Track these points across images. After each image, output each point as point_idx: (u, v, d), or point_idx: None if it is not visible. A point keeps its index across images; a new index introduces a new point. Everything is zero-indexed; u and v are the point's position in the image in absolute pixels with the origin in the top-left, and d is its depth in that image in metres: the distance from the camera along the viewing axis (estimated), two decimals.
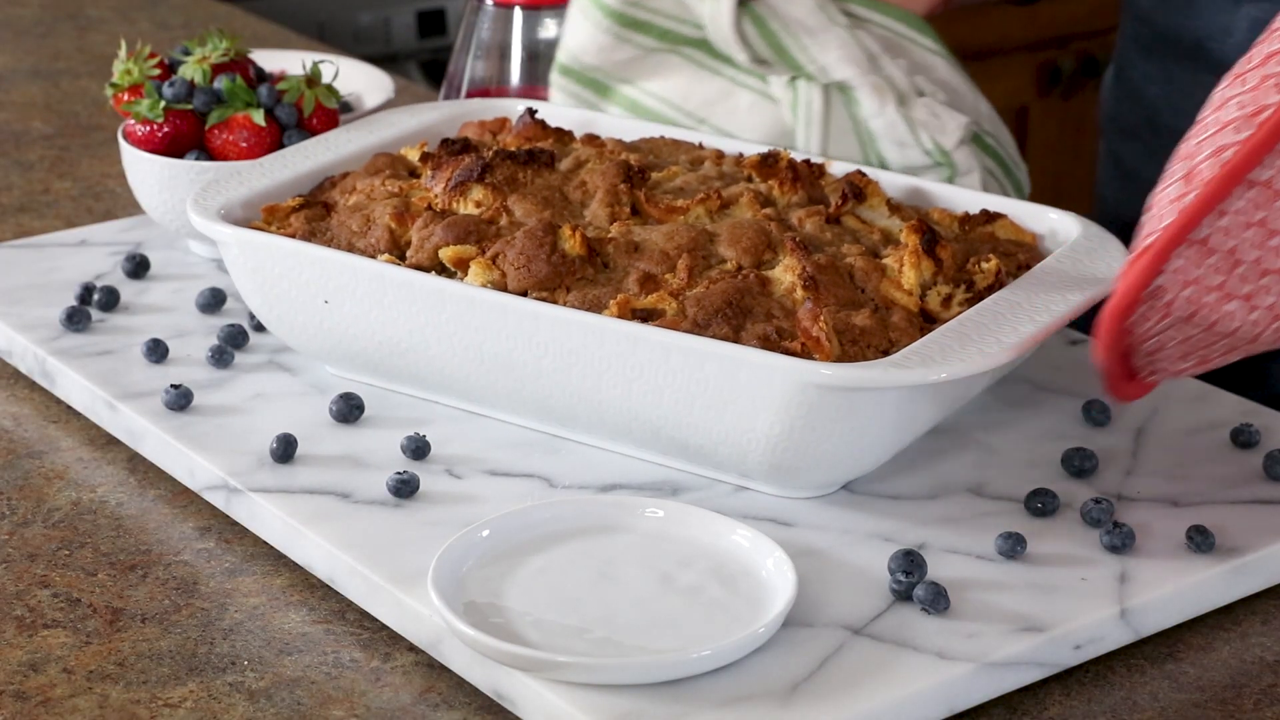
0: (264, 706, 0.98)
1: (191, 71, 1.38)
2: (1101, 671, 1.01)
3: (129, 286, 1.35)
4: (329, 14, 2.80)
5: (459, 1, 2.87)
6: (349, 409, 1.18)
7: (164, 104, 1.37)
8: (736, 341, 1.07)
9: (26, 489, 1.17)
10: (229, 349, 1.25)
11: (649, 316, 1.09)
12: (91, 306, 1.31)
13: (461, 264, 1.15)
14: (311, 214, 1.22)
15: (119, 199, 1.58)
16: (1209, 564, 1.05)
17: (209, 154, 1.37)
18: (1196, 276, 0.99)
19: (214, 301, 1.32)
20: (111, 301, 1.32)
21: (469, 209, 1.20)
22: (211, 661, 1.01)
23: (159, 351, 1.25)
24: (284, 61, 1.54)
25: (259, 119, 1.36)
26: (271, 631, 1.04)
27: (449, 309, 1.13)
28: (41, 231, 1.51)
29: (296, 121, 1.38)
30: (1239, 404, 1.21)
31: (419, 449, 1.14)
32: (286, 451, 1.13)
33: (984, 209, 1.23)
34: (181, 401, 1.19)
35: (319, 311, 1.18)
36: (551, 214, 1.18)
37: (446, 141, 1.26)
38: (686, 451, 1.11)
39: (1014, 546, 1.05)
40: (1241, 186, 0.98)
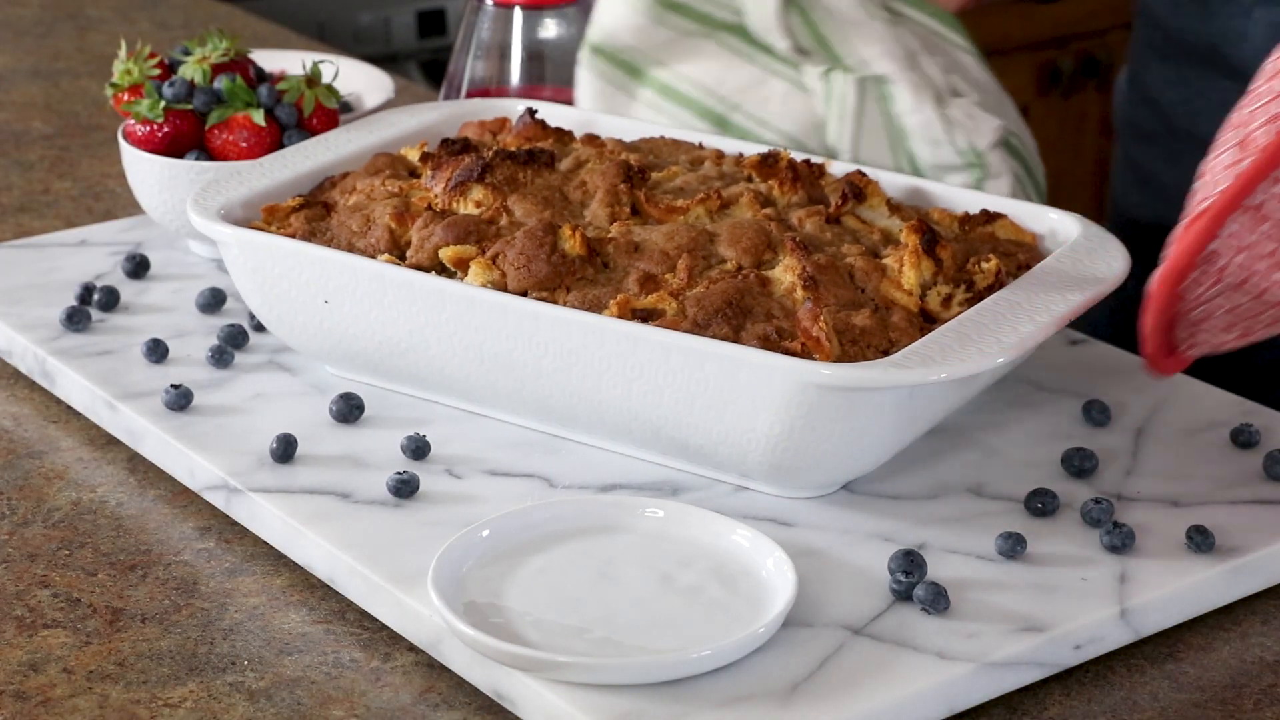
0: (264, 706, 0.98)
1: (191, 71, 1.37)
2: (1101, 671, 1.01)
3: (129, 286, 1.35)
4: (329, 14, 2.80)
5: (459, 1, 2.87)
6: (349, 409, 1.18)
7: (164, 104, 1.37)
8: (736, 341, 1.07)
9: (26, 489, 1.17)
10: (229, 349, 1.25)
11: (649, 316, 1.09)
12: (91, 306, 1.31)
13: (461, 264, 1.15)
14: (311, 214, 1.21)
15: (119, 199, 1.58)
16: (1209, 564, 1.05)
17: (209, 154, 1.37)
18: (1250, 243, 0.98)
19: (214, 301, 1.31)
20: (111, 301, 1.32)
21: (469, 209, 1.20)
22: (211, 661, 1.01)
23: (159, 351, 1.25)
24: (284, 61, 1.54)
25: (259, 119, 1.36)
26: (271, 631, 1.04)
27: (449, 309, 1.13)
28: (41, 231, 1.51)
29: (296, 121, 1.38)
30: (1239, 404, 1.21)
31: (419, 449, 1.14)
32: (286, 451, 1.13)
33: (984, 209, 1.22)
34: (181, 401, 1.19)
35: (319, 311, 1.18)
36: (551, 214, 1.18)
37: (446, 141, 1.26)
38: (686, 451, 1.11)
39: (1014, 546, 1.05)
40: None
